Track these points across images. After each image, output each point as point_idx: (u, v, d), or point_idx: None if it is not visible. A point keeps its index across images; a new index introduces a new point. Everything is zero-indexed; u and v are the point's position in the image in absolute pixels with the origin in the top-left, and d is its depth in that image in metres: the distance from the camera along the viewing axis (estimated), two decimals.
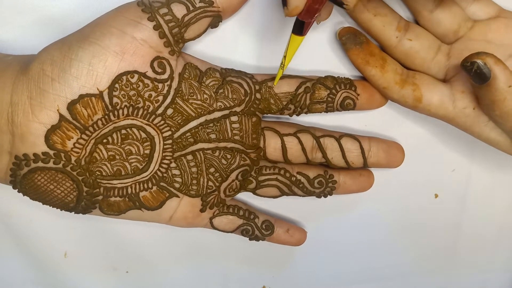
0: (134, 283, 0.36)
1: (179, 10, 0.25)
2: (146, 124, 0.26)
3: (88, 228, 0.33)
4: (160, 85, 0.26)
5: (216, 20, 0.26)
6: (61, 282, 0.35)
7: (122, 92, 0.25)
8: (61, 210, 0.27)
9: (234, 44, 0.30)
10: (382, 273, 0.37)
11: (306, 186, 0.30)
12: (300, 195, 0.31)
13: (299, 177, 0.30)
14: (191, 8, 0.25)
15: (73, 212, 0.27)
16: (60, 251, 0.34)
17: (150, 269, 0.35)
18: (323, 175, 0.31)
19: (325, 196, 0.31)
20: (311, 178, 0.30)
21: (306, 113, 0.30)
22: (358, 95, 0.30)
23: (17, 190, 0.26)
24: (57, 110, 0.24)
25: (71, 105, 0.24)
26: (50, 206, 0.27)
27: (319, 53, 0.30)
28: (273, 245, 0.32)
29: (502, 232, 0.36)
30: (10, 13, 0.27)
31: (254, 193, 0.31)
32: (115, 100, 0.25)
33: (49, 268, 0.34)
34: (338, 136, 0.31)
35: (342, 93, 0.29)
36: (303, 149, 0.30)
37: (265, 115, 0.30)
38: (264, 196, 0.31)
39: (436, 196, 0.35)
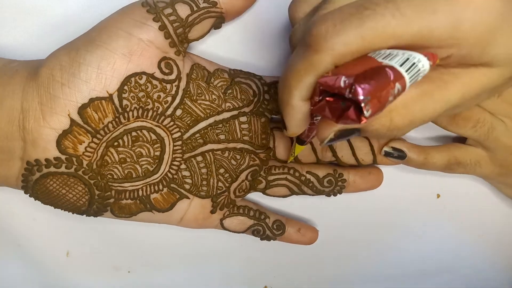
0: (136, 283, 0.35)
1: (183, 10, 0.25)
2: (156, 126, 0.27)
3: (90, 228, 0.33)
4: (168, 86, 0.26)
5: (219, 21, 0.27)
6: (62, 282, 0.35)
7: (132, 94, 0.25)
8: (73, 213, 0.27)
9: (242, 46, 0.30)
10: (382, 273, 0.36)
11: (316, 185, 0.30)
12: (309, 194, 0.31)
13: (308, 176, 0.30)
14: (195, 9, 0.25)
15: (85, 215, 0.28)
16: (62, 250, 0.34)
17: (152, 269, 0.35)
18: (332, 174, 0.31)
19: (335, 195, 0.31)
20: (321, 177, 0.30)
21: None
22: None
23: (28, 195, 0.26)
24: (68, 115, 0.24)
25: (81, 109, 0.25)
26: (61, 209, 0.27)
27: None
28: (275, 245, 0.32)
29: (503, 232, 0.36)
30: (14, 18, 0.28)
31: (264, 193, 0.31)
32: (124, 102, 0.25)
33: (51, 267, 0.34)
34: None
35: None
36: (313, 149, 0.30)
37: (274, 115, 0.30)
38: (274, 196, 0.31)
39: (438, 196, 0.34)
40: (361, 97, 0.17)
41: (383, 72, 0.17)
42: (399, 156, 0.30)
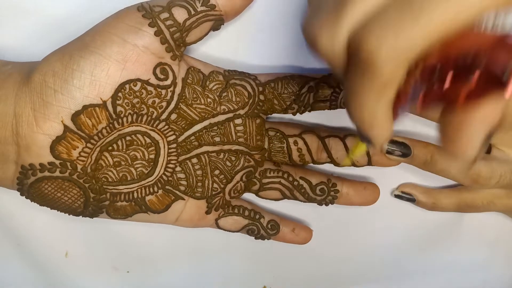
0: (135, 283, 0.36)
1: (180, 15, 0.25)
2: (151, 130, 0.26)
3: (89, 228, 0.33)
4: (163, 91, 0.26)
5: (218, 24, 0.26)
6: (61, 282, 0.35)
7: (126, 101, 0.25)
8: (69, 214, 0.28)
9: (236, 45, 0.29)
10: (382, 273, 0.37)
11: (308, 192, 0.31)
12: (301, 200, 0.31)
13: (301, 182, 0.30)
14: (193, 12, 0.25)
15: (81, 216, 0.28)
16: (61, 251, 0.34)
17: (151, 269, 0.35)
18: (325, 183, 0.31)
19: (326, 205, 0.31)
20: (314, 184, 0.30)
21: (309, 111, 0.30)
22: None
23: (24, 197, 0.26)
24: (62, 121, 0.24)
25: (75, 116, 0.24)
26: (58, 211, 0.27)
27: None
28: (274, 245, 0.33)
29: (502, 231, 0.36)
30: (13, 18, 0.27)
31: (257, 194, 0.31)
32: (119, 108, 0.25)
33: (50, 268, 0.34)
34: (343, 136, 0.30)
35: None
36: (309, 150, 0.30)
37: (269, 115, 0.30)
38: (266, 198, 0.31)
39: None
40: None
41: None
42: (409, 200, 0.31)
